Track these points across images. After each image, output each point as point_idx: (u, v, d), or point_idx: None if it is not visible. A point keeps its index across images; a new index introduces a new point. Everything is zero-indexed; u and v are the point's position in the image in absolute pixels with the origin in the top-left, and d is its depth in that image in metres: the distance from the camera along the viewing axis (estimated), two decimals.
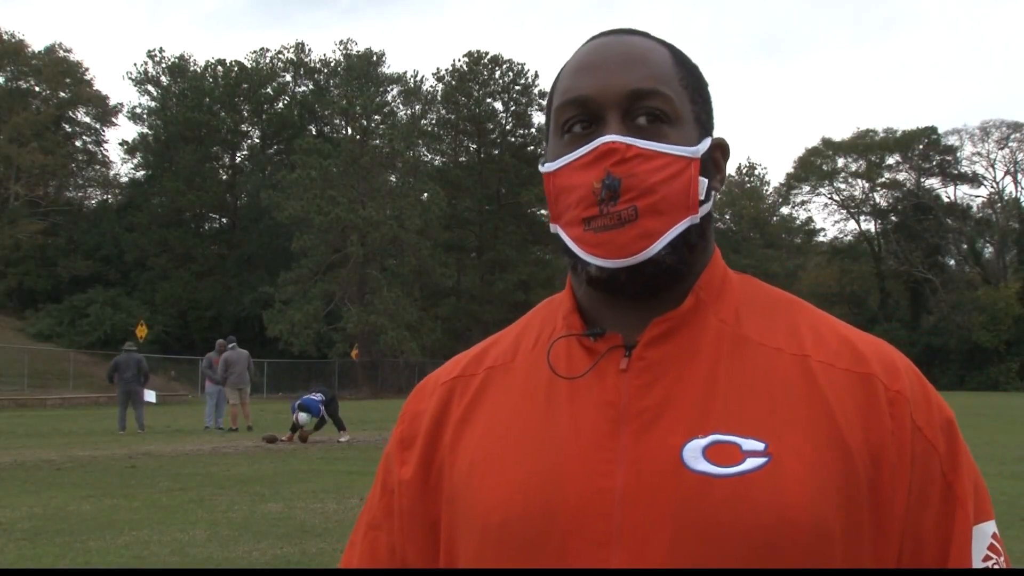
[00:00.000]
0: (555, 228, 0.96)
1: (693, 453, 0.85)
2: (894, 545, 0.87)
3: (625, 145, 0.90)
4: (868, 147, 59.89)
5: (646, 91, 0.92)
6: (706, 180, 0.94)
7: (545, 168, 0.96)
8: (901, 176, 60.89)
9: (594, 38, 1.00)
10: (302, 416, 15.48)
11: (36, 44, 67.17)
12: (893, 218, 60.49)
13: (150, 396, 18.32)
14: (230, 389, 18.87)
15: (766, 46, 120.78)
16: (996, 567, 0.90)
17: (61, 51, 51.85)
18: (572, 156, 0.93)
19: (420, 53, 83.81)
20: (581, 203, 0.91)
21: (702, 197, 0.93)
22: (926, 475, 0.88)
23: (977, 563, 0.88)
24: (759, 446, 0.85)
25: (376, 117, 49.62)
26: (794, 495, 0.83)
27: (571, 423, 0.90)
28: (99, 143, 55.20)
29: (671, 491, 0.84)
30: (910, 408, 0.89)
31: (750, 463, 0.84)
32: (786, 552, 0.82)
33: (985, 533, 0.90)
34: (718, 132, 1.00)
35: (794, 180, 63.34)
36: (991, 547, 0.90)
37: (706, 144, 0.95)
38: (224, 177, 53.79)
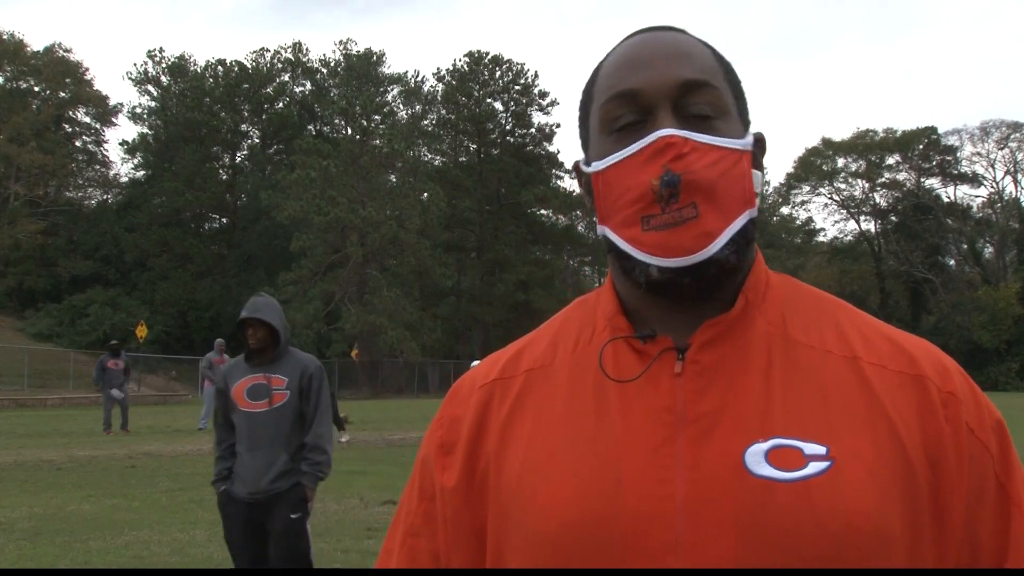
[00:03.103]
0: (603, 230, 0.93)
1: (755, 458, 0.83)
2: (954, 548, 0.86)
3: (682, 139, 0.87)
4: (868, 147, 59.86)
5: (698, 82, 0.90)
6: (759, 172, 0.93)
7: (592, 168, 0.93)
8: (901, 176, 60.93)
9: (634, 35, 0.98)
10: None
11: (36, 44, 67.20)
12: (893, 218, 60.47)
13: (116, 394, 18.16)
14: None
15: (767, 47, 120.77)
16: None
17: (60, 51, 51.86)
18: (626, 152, 0.89)
19: (420, 53, 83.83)
20: (639, 201, 0.88)
21: (757, 189, 0.92)
22: (981, 477, 0.87)
23: None
24: (821, 450, 0.83)
25: (376, 117, 49.62)
26: (858, 500, 0.81)
27: (625, 428, 0.88)
28: (99, 143, 55.22)
29: (734, 497, 0.82)
30: (963, 409, 0.87)
31: (813, 467, 0.82)
32: (851, 557, 0.80)
33: None
34: None
35: (794, 180, 63.31)
36: None
37: (751, 138, 0.94)
38: (224, 177, 53.76)
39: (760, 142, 0.98)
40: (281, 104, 56.29)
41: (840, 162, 61.66)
